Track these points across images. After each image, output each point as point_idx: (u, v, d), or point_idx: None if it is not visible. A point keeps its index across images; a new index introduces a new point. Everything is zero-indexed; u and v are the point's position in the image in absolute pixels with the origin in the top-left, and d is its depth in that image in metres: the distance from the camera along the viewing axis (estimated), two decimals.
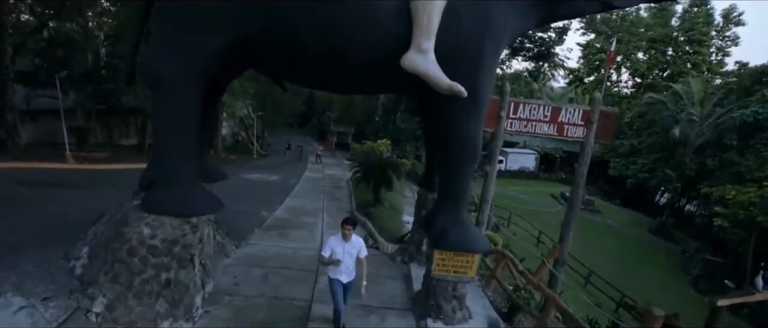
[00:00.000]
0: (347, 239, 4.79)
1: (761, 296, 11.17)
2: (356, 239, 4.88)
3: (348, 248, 4.80)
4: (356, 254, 4.85)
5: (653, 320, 4.20)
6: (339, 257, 4.76)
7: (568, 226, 7.13)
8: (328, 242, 4.88)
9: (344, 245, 4.79)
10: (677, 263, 21.07)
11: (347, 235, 4.77)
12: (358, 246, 4.88)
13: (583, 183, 6.95)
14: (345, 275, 4.86)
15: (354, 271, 4.94)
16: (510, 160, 36.59)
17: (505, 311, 6.77)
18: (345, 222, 4.82)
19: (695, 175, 23.40)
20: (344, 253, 4.78)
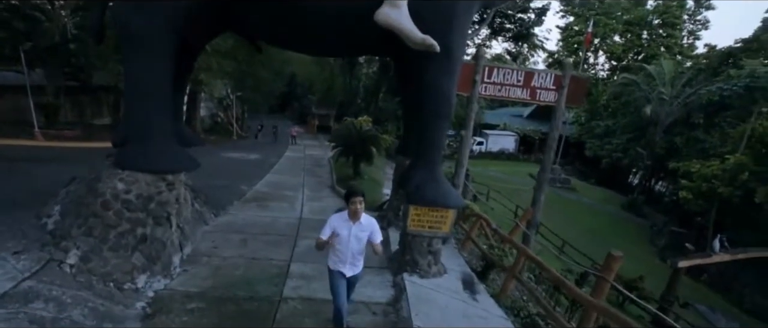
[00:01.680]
0: (356, 218, 3.67)
1: (718, 258, 11.92)
2: (367, 220, 3.76)
3: (355, 231, 3.70)
4: (367, 239, 3.77)
5: (612, 260, 4.47)
6: (343, 241, 3.70)
7: (541, 189, 7.41)
8: (330, 221, 3.76)
9: (351, 227, 3.68)
10: (646, 236, 22.11)
11: (356, 212, 3.63)
12: (370, 228, 3.75)
13: (554, 146, 7.21)
14: (349, 266, 3.81)
15: (362, 260, 3.91)
16: (490, 142, 37.18)
17: (480, 270, 7.02)
18: (352, 194, 3.63)
19: (664, 153, 24.40)
20: (350, 236, 3.69)
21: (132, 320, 4.15)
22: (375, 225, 3.82)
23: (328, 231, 3.72)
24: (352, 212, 3.66)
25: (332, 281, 3.90)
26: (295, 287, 5.36)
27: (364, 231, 3.74)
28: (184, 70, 6.67)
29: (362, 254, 3.89)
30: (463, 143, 6.93)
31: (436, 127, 5.43)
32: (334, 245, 3.75)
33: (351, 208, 3.63)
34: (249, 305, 4.73)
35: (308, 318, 4.56)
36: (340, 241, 3.71)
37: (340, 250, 3.74)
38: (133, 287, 4.60)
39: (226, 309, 4.57)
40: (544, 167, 7.26)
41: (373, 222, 3.83)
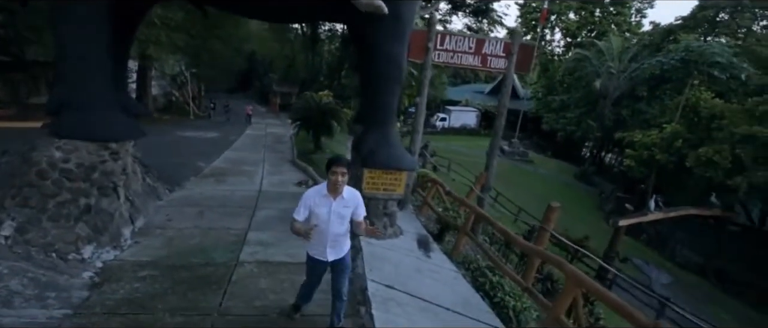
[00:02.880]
0: (336, 192, 3.02)
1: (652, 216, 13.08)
2: (350, 193, 3.11)
3: (337, 208, 3.05)
4: (351, 216, 3.14)
5: (551, 211, 4.81)
6: (322, 221, 3.05)
7: (493, 154, 7.76)
8: (304, 199, 3.08)
9: (331, 203, 3.04)
10: (595, 203, 23.72)
11: (337, 185, 2.99)
12: (354, 203, 3.12)
13: (505, 112, 7.54)
14: (331, 250, 3.17)
15: (347, 242, 3.27)
16: (453, 118, 37.91)
17: (436, 233, 7.34)
18: (334, 163, 3.00)
19: (613, 125, 25.98)
20: (331, 214, 3.04)
21: (78, 289, 4.05)
22: (359, 199, 3.16)
23: (304, 211, 3.06)
24: (331, 185, 3.00)
25: (307, 271, 3.39)
26: (252, 252, 5.38)
27: (348, 207, 3.07)
28: (124, 36, 6.32)
29: (347, 235, 3.20)
30: (418, 110, 7.09)
31: (388, 91, 5.53)
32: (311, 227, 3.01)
33: (331, 179, 2.97)
34: (204, 271, 4.72)
35: (264, 279, 4.63)
36: (318, 220, 3.05)
37: (320, 231, 3.05)
38: (79, 258, 4.46)
39: (180, 275, 4.55)
40: (496, 132, 7.60)
41: (357, 195, 3.15)
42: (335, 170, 2.97)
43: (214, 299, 4.05)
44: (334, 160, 3.03)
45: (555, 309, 3.73)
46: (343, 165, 3.00)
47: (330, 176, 3.00)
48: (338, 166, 2.98)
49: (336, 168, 2.97)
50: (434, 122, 37.50)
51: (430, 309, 4.10)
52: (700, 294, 14.04)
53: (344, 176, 2.99)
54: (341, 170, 2.97)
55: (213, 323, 3.65)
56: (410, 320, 3.81)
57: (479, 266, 5.58)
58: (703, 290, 15.20)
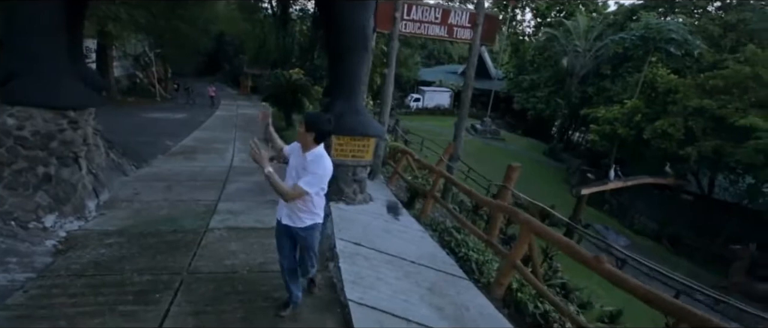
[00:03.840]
0: (303, 148, 2.78)
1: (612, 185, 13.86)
2: (315, 157, 2.73)
3: (298, 162, 2.82)
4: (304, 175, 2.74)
5: (511, 170, 5.07)
6: (288, 174, 2.88)
7: (461, 124, 7.99)
8: (292, 144, 2.99)
9: (298, 158, 2.83)
10: (562, 177, 24.74)
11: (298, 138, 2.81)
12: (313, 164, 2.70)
13: (471, 83, 7.74)
14: (286, 211, 2.91)
15: (306, 215, 2.89)
16: (427, 98, 38.14)
17: (407, 201, 7.55)
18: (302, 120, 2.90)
19: (579, 102, 26.96)
20: (292, 168, 2.85)
21: (41, 255, 4.01)
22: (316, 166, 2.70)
23: (285, 153, 3.07)
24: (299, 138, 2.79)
25: (276, 235, 3.12)
26: (222, 219, 5.42)
27: (305, 170, 2.70)
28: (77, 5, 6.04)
29: (306, 208, 2.85)
30: (386, 81, 7.18)
31: (354, 61, 5.59)
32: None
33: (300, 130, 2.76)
34: (173, 237, 4.74)
35: (234, 242, 4.69)
36: (287, 169, 2.92)
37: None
38: (40, 227, 4.39)
39: (148, 241, 4.55)
40: (463, 103, 7.81)
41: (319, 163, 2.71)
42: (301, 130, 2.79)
43: (184, 260, 4.10)
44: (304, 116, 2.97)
45: (511, 255, 4.00)
46: (303, 121, 2.82)
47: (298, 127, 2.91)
48: (302, 121, 2.85)
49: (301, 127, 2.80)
50: (408, 103, 37.64)
51: (395, 262, 4.31)
52: (655, 256, 15.08)
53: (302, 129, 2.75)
54: (301, 125, 2.81)
55: (183, 280, 3.71)
56: (376, 271, 4.00)
57: (446, 227, 5.85)
58: (658, 253, 16.33)
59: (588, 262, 3.14)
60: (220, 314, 3.20)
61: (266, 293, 3.57)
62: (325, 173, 2.74)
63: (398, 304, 3.43)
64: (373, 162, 7.80)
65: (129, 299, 3.34)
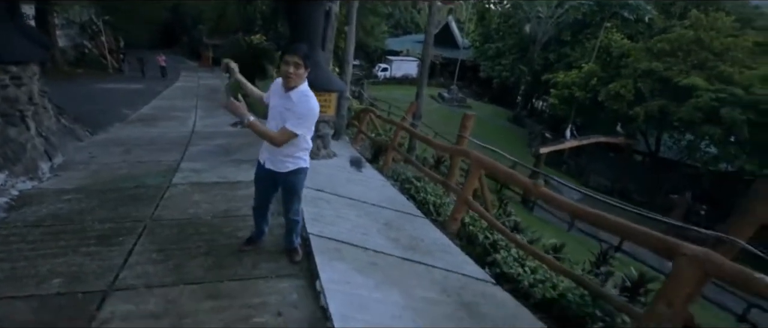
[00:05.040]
0: (287, 86, 2.51)
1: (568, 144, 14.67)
2: (301, 97, 2.50)
3: (281, 104, 2.57)
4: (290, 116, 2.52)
5: (466, 119, 5.34)
6: (270, 110, 2.67)
7: (422, 85, 8.20)
8: (273, 83, 2.75)
9: (280, 97, 2.59)
10: (526, 142, 25.77)
11: (287, 77, 2.45)
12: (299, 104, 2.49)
13: (431, 42, 7.91)
14: (267, 156, 2.75)
15: (290, 160, 2.72)
16: (394, 68, 38.03)
17: (371, 158, 7.76)
18: (288, 52, 2.46)
19: (541, 69, 27.79)
20: (274, 108, 2.63)
21: None
22: (303, 106, 2.48)
23: (267, 95, 2.81)
24: (283, 77, 2.49)
25: (255, 179, 2.96)
26: (185, 176, 5.42)
27: (289, 110, 2.50)
28: None
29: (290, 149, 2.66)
30: (348, 39, 7.22)
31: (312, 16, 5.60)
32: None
33: (282, 69, 2.45)
34: (134, 192, 4.74)
35: (197, 195, 4.76)
36: (269, 112, 2.68)
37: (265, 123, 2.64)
38: None
39: (109, 196, 4.54)
40: (423, 62, 8.01)
41: (306, 103, 2.50)
42: (288, 60, 2.42)
43: (147, 210, 4.14)
44: (293, 50, 2.45)
45: (463, 191, 4.33)
46: (297, 54, 2.41)
47: (282, 66, 2.46)
48: (290, 54, 2.42)
49: (289, 57, 2.42)
50: (376, 73, 37.40)
51: (356, 204, 4.55)
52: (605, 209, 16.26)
53: (298, 68, 2.42)
54: (293, 59, 2.40)
55: (146, 225, 3.79)
56: (337, 211, 4.23)
57: (407, 177, 6.13)
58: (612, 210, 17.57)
59: (527, 186, 3.49)
60: (184, 249, 3.32)
61: (229, 233, 3.70)
62: (312, 113, 2.52)
63: (356, 236, 3.68)
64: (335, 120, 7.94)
65: (91, 242, 3.40)
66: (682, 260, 2.45)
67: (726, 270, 2.31)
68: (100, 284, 2.73)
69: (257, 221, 3.23)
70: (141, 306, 2.51)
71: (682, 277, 2.45)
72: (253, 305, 2.62)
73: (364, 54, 38.69)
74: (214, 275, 2.93)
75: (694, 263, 2.40)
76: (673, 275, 2.50)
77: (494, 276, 3.66)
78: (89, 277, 2.82)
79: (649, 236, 2.74)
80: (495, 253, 3.99)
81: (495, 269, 3.78)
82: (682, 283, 2.46)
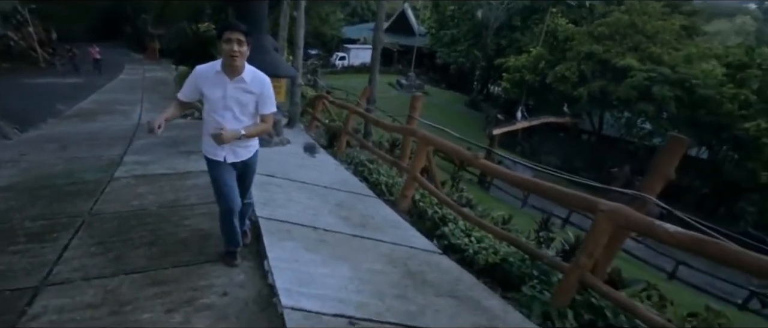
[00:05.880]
0: (234, 70, 2.27)
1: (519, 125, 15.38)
2: (254, 75, 2.37)
3: (234, 91, 2.32)
4: (254, 106, 2.42)
5: (415, 100, 5.46)
6: (216, 108, 2.36)
7: (374, 70, 8.27)
8: (194, 74, 2.37)
9: (227, 84, 2.30)
10: (482, 125, 26.61)
11: (234, 59, 2.21)
12: (259, 89, 2.38)
13: (382, 27, 7.97)
14: (229, 149, 2.48)
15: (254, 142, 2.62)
16: (352, 56, 37.77)
17: (326, 144, 7.76)
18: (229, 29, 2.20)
19: (494, 54, 28.68)
20: (227, 99, 2.33)
21: None
22: (266, 85, 2.40)
23: (190, 91, 2.37)
24: (225, 55, 2.21)
25: (212, 175, 2.56)
26: (129, 170, 5.21)
27: (250, 92, 2.33)
28: None
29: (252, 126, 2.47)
30: (297, 24, 7.12)
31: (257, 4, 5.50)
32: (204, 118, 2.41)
33: (225, 49, 2.18)
34: (71, 188, 4.50)
35: (143, 187, 4.59)
36: (211, 107, 2.36)
37: (214, 122, 2.36)
38: None
39: (42, 193, 4.29)
40: (375, 46, 8.06)
41: (264, 80, 2.40)
42: (230, 37, 2.16)
43: (85, 205, 3.95)
44: (226, 25, 2.23)
45: (412, 168, 4.47)
46: (238, 29, 2.18)
47: (224, 45, 2.18)
48: (232, 31, 2.17)
49: (230, 34, 2.16)
50: (334, 61, 36.98)
51: (307, 188, 4.59)
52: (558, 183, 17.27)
53: (242, 45, 2.20)
54: (237, 36, 2.16)
55: (84, 220, 3.62)
56: (287, 194, 4.25)
57: (361, 160, 6.21)
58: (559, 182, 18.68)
59: (469, 159, 3.67)
60: (126, 241, 3.22)
61: (176, 222, 3.62)
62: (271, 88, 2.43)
63: (307, 217, 3.73)
64: (289, 107, 7.85)
65: (21, 240, 3.22)
66: (600, 215, 2.72)
67: (633, 221, 2.60)
68: (30, 280, 2.61)
69: (234, 223, 2.69)
70: (77, 298, 2.43)
71: (599, 230, 2.72)
72: (199, 287, 2.61)
73: (321, 43, 38.05)
74: (158, 263, 2.88)
75: (608, 216, 2.67)
76: (592, 229, 2.77)
77: (442, 247, 3.84)
78: (18, 274, 2.69)
79: (573, 197, 3.01)
80: (443, 226, 4.17)
81: (443, 241, 3.97)
82: (599, 235, 2.73)
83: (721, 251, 2.24)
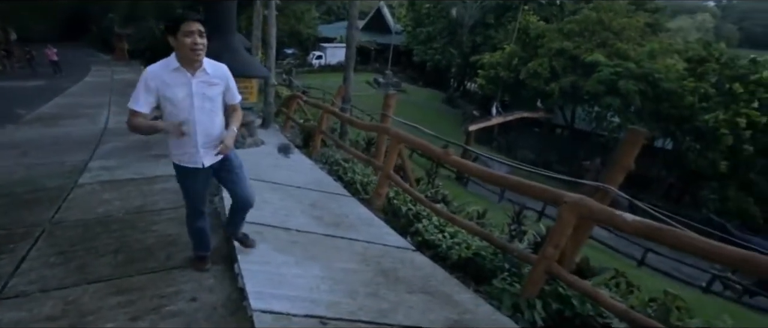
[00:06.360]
0: (194, 63, 2.11)
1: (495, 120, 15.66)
2: (215, 67, 2.24)
3: (199, 87, 2.16)
4: (221, 98, 2.31)
5: (389, 98, 5.48)
6: (182, 108, 2.15)
7: (349, 68, 8.23)
8: (145, 77, 2.10)
9: (190, 80, 2.12)
10: (459, 122, 26.96)
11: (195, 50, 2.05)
12: (223, 79, 2.27)
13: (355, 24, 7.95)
14: (205, 151, 2.29)
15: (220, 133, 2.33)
16: (329, 55, 37.48)
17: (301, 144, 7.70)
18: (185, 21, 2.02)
19: (470, 51, 29.07)
20: (194, 96, 2.15)
21: None
22: (227, 74, 2.29)
23: (148, 97, 2.09)
24: (186, 52, 2.03)
25: (182, 184, 2.44)
26: (94, 176, 5.03)
27: (215, 85, 2.20)
28: None
29: (222, 125, 2.34)
30: (269, 23, 7.02)
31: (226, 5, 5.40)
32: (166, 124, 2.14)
33: (184, 42, 2.00)
34: (31, 196, 4.31)
35: (109, 193, 4.44)
36: (176, 109, 2.15)
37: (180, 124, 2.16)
38: None
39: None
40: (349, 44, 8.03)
41: (224, 69, 2.28)
42: (189, 29, 1.99)
43: (46, 214, 3.79)
44: (181, 17, 2.03)
45: (385, 166, 4.50)
46: (198, 20, 2.03)
47: (182, 38, 2.00)
48: (191, 22, 2.00)
49: (189, 26, 1.98)
50: (310, 60, 36.64)
51: (281, 188, 4.54)
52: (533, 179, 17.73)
53: (203, 36, 2.05)
54: (197, 27, 2.01)
55: (44, 229, 3.48)
56: (260, 195, 4.16)
57: (336, 160, 6.20)
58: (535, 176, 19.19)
59: (439, 155, 3.73)
60: (89, 249, 3.11)
61: (143, 228, 3.53)
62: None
63: (279, 218, 3.70)
64: (263, 108, 7.74)
65: None
66: (564, 207, 2.81)
67: (595, 212, 2.70)
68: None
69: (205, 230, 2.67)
70: (35, 311, 2.34)
71: (563, 221, 2.81)
72: (166, 294, 2.55)
73: (297, 42, 37.61)
74: (123, 271, 2.80)
75: (572, 208, 2.77)
76: (557, 220, 2.86)
77: (417, 244, 3.88)
78: None
79: (539, 190, 3.11)
80: (418, 223, 4.22)
81: (417, 238, 4.01)
82: (564, 226, 2.82)
83: (676, 238, 2.35)
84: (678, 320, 2.88)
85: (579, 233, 3.18)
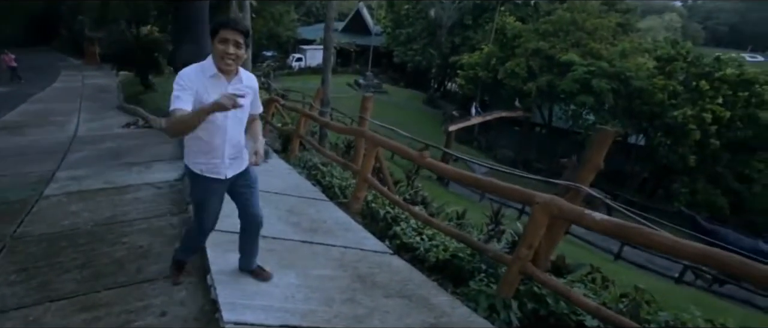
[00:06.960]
0: (230, 71, 2.04)
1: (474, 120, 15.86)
2: (249, 77, 2.20)
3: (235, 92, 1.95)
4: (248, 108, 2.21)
5: (366, 100, 5.46)
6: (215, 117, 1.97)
7: (327, 70, 8.20)
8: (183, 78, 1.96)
9: (227, 87, 2.01)
10: (439, 122, 27.17)
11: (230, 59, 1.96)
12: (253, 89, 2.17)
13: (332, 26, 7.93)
14: (231, 162, 2.22)
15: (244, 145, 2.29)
16: (309, 58, 37.17)
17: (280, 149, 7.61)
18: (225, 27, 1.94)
19: (449, 51, 29.37)
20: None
21: None
22: (256, 85, 2.27)
23: (187, 96, 1.93)
24: (217, 57, 1.97)
25: (199, 197, 2.33)
26: (61, 186, 4.87)
27: (247, 94, 1.96)
28: None
29: (244, 136, 2.27)
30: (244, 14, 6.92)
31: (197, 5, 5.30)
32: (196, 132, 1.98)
33: (219, 50, 1.93)
34: None
35: (75, 204, 4.29)
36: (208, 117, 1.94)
37: (210, 133, 2.08)
38: None
39: None
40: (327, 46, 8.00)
41: (255, 81, 2.25)
42: (226, 37, 1.92)
43: (6, 229, 3.63)
44: (222, 23, 1.97)
45: (362, 170, 4.49)
46: (238, 29, 1.94)
47: (218, 45, 1.93)
48: (231, 30, 1.92)
49: (227, 33, 1.92)
50: (290, 63, 36.29)
51: None
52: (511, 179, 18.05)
53: (240, 48, 1.96)
54: (235, 37, 1.93)
55: (6, 245, 3.33)
56: None
57: (314, 164, 6.15)
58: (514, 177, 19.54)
59: (414, 157, 3.74)
60: (53, 265, 3.00)
61: (112, 240, 3.43)
62: None
63: None
64: None
65: None
66: (535, 207, 2.86)
67: (565, 211, 2.76)
68: None
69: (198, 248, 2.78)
70: None
71: (536, 221, 2.86)
72: (135, 309, 2.48)
73: (276, 44, 37.18)
74: (90, 287, 2.70)
75: (543, 208, 2.82)
76: (530, 221, 2.91)
77: (395, 247, 3.88)
78: None
79: (511, 191, 3.16)
80: (396, 226, 4.22)
81: (396, 241, 4.01)
82: (537, 226, 2.87)
83: (642, 236, 2.42)
84: (648, 315, 2.97)
85: (552, 231, 3.24)
